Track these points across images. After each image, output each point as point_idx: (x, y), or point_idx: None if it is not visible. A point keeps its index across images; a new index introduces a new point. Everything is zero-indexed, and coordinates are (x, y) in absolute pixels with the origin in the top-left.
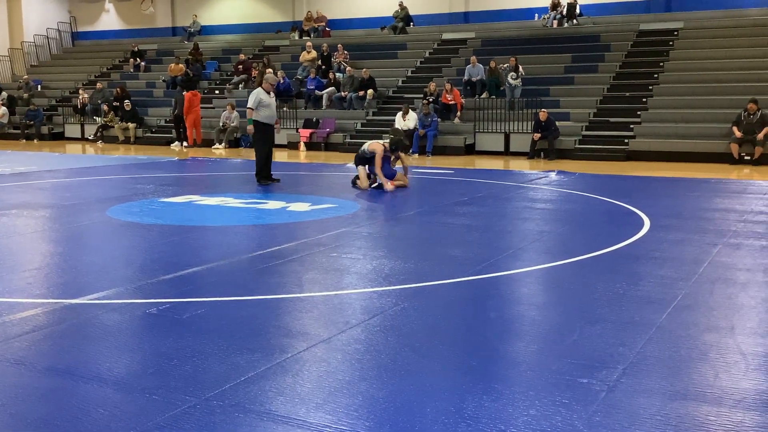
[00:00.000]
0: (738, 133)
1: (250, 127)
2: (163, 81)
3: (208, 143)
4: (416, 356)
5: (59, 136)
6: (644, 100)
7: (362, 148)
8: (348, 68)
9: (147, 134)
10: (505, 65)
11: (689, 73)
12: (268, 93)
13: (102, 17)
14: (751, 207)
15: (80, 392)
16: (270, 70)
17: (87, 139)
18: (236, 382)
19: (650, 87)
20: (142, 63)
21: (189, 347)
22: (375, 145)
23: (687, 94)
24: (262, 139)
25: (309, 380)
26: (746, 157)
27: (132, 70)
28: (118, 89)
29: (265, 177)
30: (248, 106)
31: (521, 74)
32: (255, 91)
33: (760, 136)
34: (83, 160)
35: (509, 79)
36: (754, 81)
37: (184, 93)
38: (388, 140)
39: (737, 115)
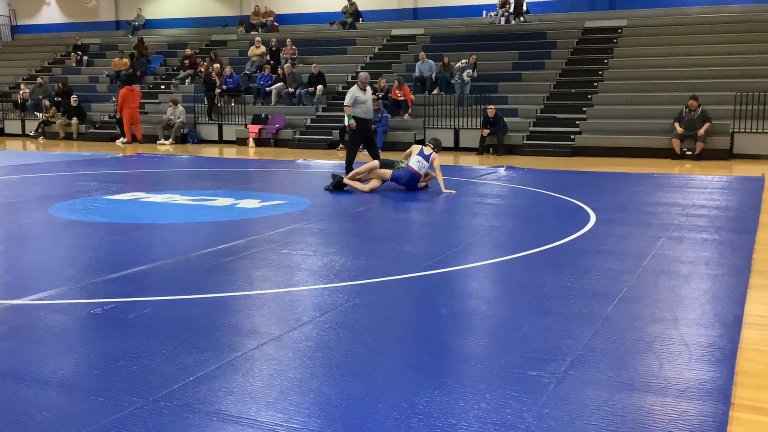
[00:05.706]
0: (679, 129)
1: (352, 122)
2: (107, 76)
3: (153, 139)
4: (368, 352)
5: None
6: (589, 96)
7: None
8: (288, 66)
9: (90, 130)
10: (459, 62)
11: (633, 70)
12: (363, 90)
13: (43, 10)
14: (693, 201)
15: (23, 395)
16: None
17: (28, 136)
18: (185, 383)
19: (595, 84)
20: (85, 57)
21: (136, 347)
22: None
23: (630, 90)
24: (359, 133)
25: (260, 379)
26: (688, 152)
27: (74, 65)
28: (59, 84)
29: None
30: (345, 104)
31: (475, 73)
32: (351, 89)
33: (701, 131)
34: (24, 157)
35: (464, 75)
36: (694, 78)
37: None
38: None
39: (679, 111)
